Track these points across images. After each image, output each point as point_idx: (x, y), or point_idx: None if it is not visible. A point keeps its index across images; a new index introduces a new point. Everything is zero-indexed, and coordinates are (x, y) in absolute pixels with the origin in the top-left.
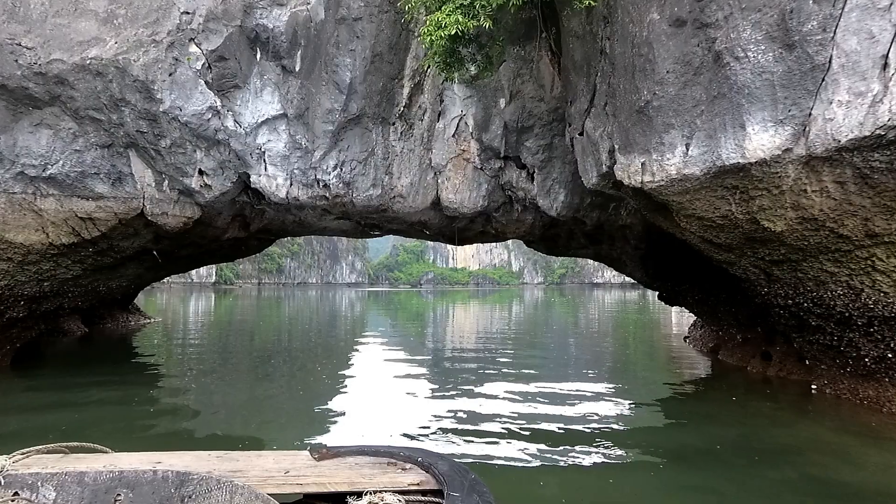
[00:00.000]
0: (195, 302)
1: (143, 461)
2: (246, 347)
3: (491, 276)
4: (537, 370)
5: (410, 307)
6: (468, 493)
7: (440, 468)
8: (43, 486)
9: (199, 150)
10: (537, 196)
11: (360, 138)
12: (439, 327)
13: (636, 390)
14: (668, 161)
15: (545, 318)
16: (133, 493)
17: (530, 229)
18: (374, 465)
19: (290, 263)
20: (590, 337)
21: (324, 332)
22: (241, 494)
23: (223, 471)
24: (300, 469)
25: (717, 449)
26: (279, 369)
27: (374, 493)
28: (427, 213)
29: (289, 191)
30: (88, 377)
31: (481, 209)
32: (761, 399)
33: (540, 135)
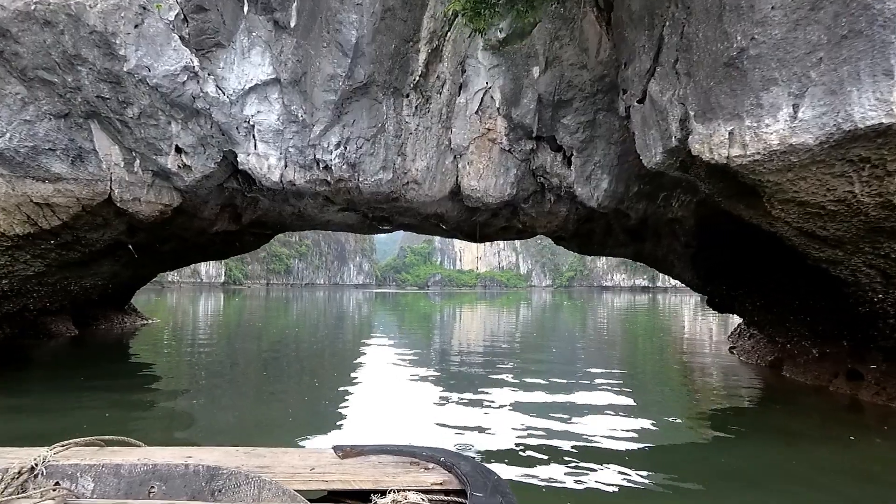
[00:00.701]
0: (203, 302)
1: (174, 455)
2: (252, 351)
3: (498, 278)
4: (555, 379)
5: (418, 309)
6: (491, 493)
7: (463, 468)
8: (82, 476)
9: (175, 122)
10: (575, 183)
11: (367, 112)
12: (448, 331)
13: (681, 408)
14: (767, 128)
15: (557, 323)
16: (166, 485)
17: (563, 223)
18: (397, 464)
19: (298, 264)
20: (612, 343)
21: (332, 335)
22: (269, 490)
23: (251, 466)
24: (325, 466)
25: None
26: (287, 374)
27: (398, 491)
28: (444, 203)
29: (283, 173)
30: (76, 381)
31: (508, 199)
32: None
33: (580, 110)
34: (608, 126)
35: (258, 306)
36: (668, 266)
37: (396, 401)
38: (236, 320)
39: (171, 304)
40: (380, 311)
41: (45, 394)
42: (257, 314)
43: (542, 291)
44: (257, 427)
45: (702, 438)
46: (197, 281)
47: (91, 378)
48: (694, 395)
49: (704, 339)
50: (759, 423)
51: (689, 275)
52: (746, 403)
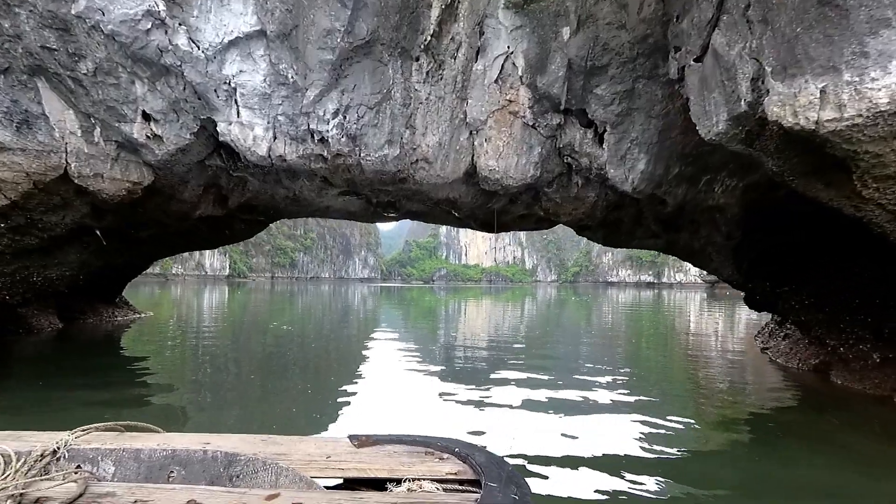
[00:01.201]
0: (208, 295)
1: (192, 442)
2: (255, 346)
3: (504, 273)
4: (568, 377)
5: (423, 304)
6: (506, 484)
7: (477, 459)
8: (103, 460)
9: (140, 82)
10: (607, 164)
11: (370, 75)
12: (453, 326)
13: (715, 413)
14: (873, 83)
15: (564, 319)
16: (185, 470)
17: (591, 211)
18: (411, 453)
19: (303, 258)
20: (626, 340)
21: (337, 330)
22: (286, 476)
23: (268, 453)
24: (341, 455)
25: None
26: (291, 371)
27: (413, 480)
28: (458, 187)
29: (271, 147)
30: (55, 377)
31: (531, 182)
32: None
33: (617, 77)
34: (649, 96)
35: (262, 300)
36: (705, 259)
37: (400, 396)
38: (239, 314)
39: (174, 297)
40: (385, 305)
41: (19, 392)
42: (261, 307)
43: (548, 287)
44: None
45: (743, 449)
46: (201, 274)
47: (71, 376)
48: (728, 399)
49: (727, 337)
50: (812, 435)
51: (728, 269)
52: (792, 413)
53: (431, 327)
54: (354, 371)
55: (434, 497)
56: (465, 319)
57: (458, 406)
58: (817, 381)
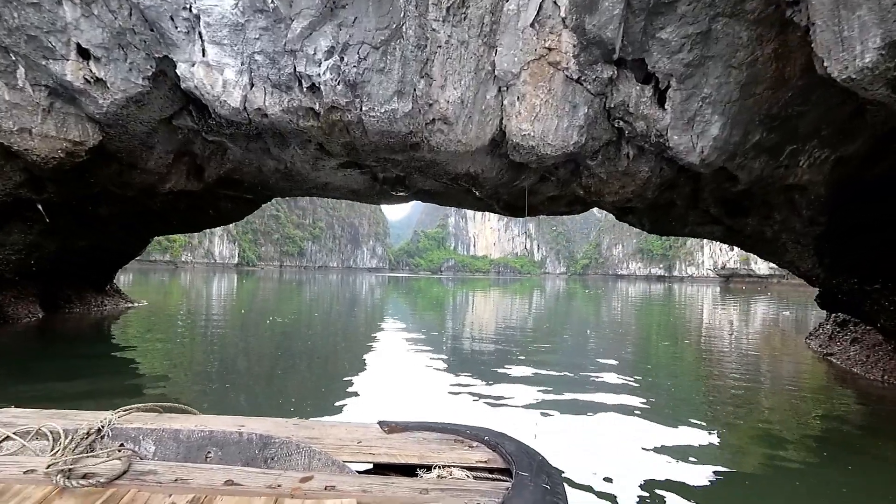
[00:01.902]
0: (217, 283)
1: (228, 424)
2: (260, 342)
3: (512, 264)
4: (604, 380)
5: (432, 295)
6: (537, 473)
7: (507, 447)
8: (144, 439)
9: (69, 3)
10: (669, 129)
11: (375, 5)
12: (461, 318)
13: (784, 430)
14: None
15: (579, 314)
16: (222, 451)
17: (641, 189)
18: (441, 440)
19: (311, 247)
20: (654, 342)
21: (345, 321)
22: (319, 459)
23: (301, 437)
24: (371, 440)
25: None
26: (298, 366)
27: (443, 467)
28: (481, 158)
29: (248, 96)
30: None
31: (573, 150)
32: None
33: (689, 16)
34: (730, 40)
35: (270, 289)
36: (778, 250)
37: (406, 389)
38: (244, 303)
39: (182, 285)
40: (393, 295)
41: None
42: (269, 297)
43: (556, 279)
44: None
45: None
46: (210, 261)
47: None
48: (798, 416)
49: (772, 338)
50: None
51: (808, 262)
52: (888, 437)
53: (440, 319)
54: (361, 364)
55: (464, 484)
56: (473, 312)
57: (464, 399)
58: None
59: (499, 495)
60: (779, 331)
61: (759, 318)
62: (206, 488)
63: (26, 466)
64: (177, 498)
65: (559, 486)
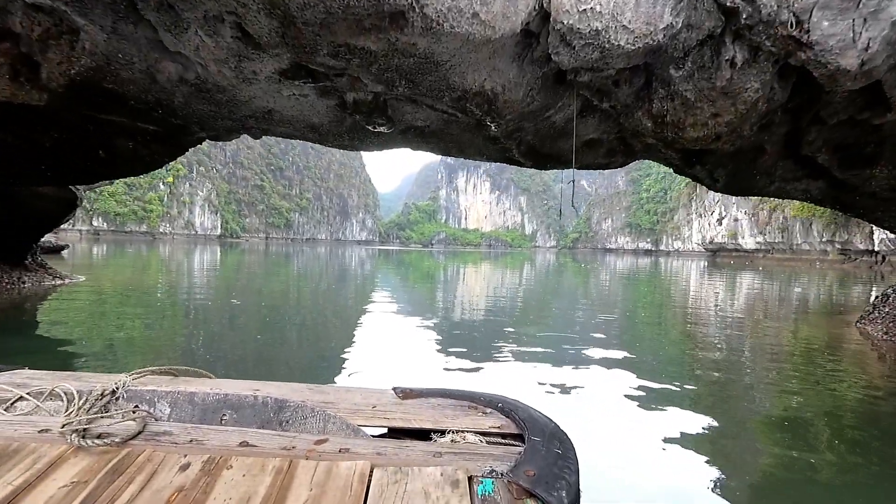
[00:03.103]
0: (196, 256)
1: (244, 388)
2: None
3: (503, 238)
4: (632, 361)
5: (423, 268)
6: (549, 439)
7: (521, 414)
8: (159, 401)
9: None
10: (816, 9)
11: None
12: (454, 292)
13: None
14: None
15: (586, 289)
16: (237, 414)
17: (739, 121)
18: (455, 406)
19: (298, 218)
20: (676, 324)
21: (334, 296)
22: (334, 423)
23: (316, 401)
24: (386, 405)
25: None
26: (283, 353)
27: (457, 432)
28: (504, 64)
29: None
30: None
31: (662, 39)
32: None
33: None
34: None
35: (256, 262)
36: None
37: (395, 362)
38: (233, 283)
39: (162, 255)
40: (384, 268)
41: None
42: (256, 272)
43: (547, 252)
44: None
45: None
46: (191, 233)
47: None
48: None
49: (815, 323)
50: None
51: None
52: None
53: (431, 292)
54: (356, 336)
55: (477, 448)
56: (464, 284)
57: (456, 371)
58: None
59: (511, 459)
60: (815, 314)
61: (776, 296)
62: (222, 449)
63: (40, 426)
64: (192, 458)
65: (571, 452)
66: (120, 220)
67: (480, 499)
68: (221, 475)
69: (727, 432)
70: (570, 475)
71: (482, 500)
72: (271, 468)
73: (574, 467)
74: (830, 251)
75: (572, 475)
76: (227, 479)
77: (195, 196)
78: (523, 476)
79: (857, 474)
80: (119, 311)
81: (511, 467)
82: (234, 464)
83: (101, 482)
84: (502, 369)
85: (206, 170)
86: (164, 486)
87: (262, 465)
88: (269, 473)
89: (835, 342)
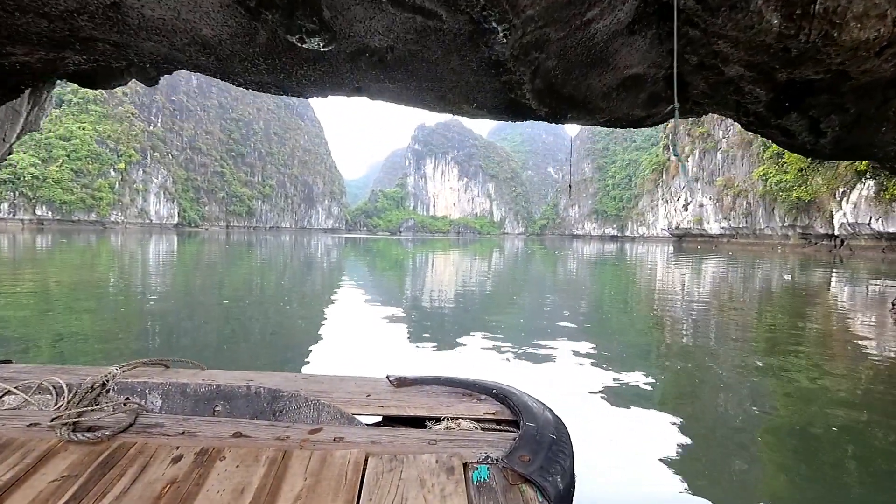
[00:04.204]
0: (154, 245)
1: (236, 378)
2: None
3: (472, 225)
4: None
5: (390, 256)
6: (544, 424)
7: (515, 400)
8: (150, 393)
9: None
10: None
11: None
12: (422, 281)
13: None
14: None
15: (555, 277)
16: (230, 405)
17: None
18: (450, 394)
19: (261, 206)
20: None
21: (298, 290)
22: (328, 412)
23: (310, 391)
24: (380, 394)
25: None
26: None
27: (451, 419)
28: None
29: None
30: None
31: None
32: None
33: None
34: None
35: (217, 251)
36: None
37: (363, 354)
38: (188, 272)
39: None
40: (350, 256)
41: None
42: (216, 262)
43: (515, 239)
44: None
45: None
46: (145, 222)
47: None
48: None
49: (846, 313)
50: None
51: None
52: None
53: (399, 280)
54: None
55: (472, 435)
56: (433, 272)
57: (427, 361)
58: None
59: (506, 445)
60: (827, 302)
61: (688, 274)
62: (214, 440)
63: (29, 420)
64: (184, 450)
65: (566, 437)
66: (66, 208)
67: (476, 485)
68: (214, 466)
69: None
70: (564, 460)
71: (477, 486)
72: (265, 459)
73: (569, 452)
74: (792, 235)
75: (567, 460)
76: (220, 471)
77: (149, 183)
78: (518, 462)
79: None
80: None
81: (506, 453)
82: (228, 455)
83: (91, 475)
84: (473, 358)
85: (161, 156)
86: (156, 478)
87: (255, 455)
88: (262, 464)
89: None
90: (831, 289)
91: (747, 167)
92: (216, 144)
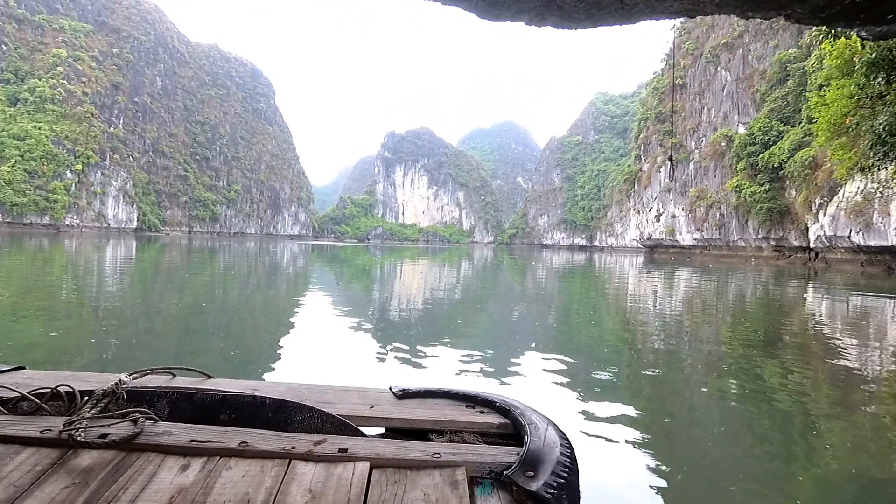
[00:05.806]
0: (111, 251)
1: (242, 387)
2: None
3: (441, 233)
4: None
5: (357, 265)
6: (548, 439)
7: (519, 413)
8: (158, 401)
9: None
10: None
11: None
12: (390, 291)
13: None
14: None
15: (523, 285)
16: (235, 414)
17: None
18: (453, 406)
19: (226, 211)
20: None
21: (262, 299)
22: (332, 423)
23: (314, 401)
24: (384, 405)
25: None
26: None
27: (454, 432)
28: None
29: None
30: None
31: None
32: None
33: None
34: None
35: (178, 257)
36: None
37: (327, 366)
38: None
39: (69, 251)
40: (317, 263)
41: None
42: (176, 267)
43: (485, 248)
44: None
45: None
46: (103, 226)
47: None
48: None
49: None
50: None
51: None
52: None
53: (366, 290)
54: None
55: (476, 448)
56: (401, 282)
57: (398, 368)
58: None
59: (510, 459)
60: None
61: (661, 285)
62: (221, 449)
63: (42, 426)
64: (192, 458)
65: (570, 452)
66: (17, 210)
67: (480, 500)
68: (221, 476)
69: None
70: (569, 475)
71: (482, 501)
72: (271, 468)
73: (574, 467)
74: (765, 247)
75: (572, 475)
76: (226, 480)
77: (108, 186)
78: (522, 476)
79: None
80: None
81: (511, 468)
82: (234, 464)
83: (103, 482)
84: (442, 367)
85: (121, 158)
86: (165, 486)
87: (261, 465)
88: (268, 474)
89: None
90: (813, 302)
91: (720, 178)
92: (180, 147)
